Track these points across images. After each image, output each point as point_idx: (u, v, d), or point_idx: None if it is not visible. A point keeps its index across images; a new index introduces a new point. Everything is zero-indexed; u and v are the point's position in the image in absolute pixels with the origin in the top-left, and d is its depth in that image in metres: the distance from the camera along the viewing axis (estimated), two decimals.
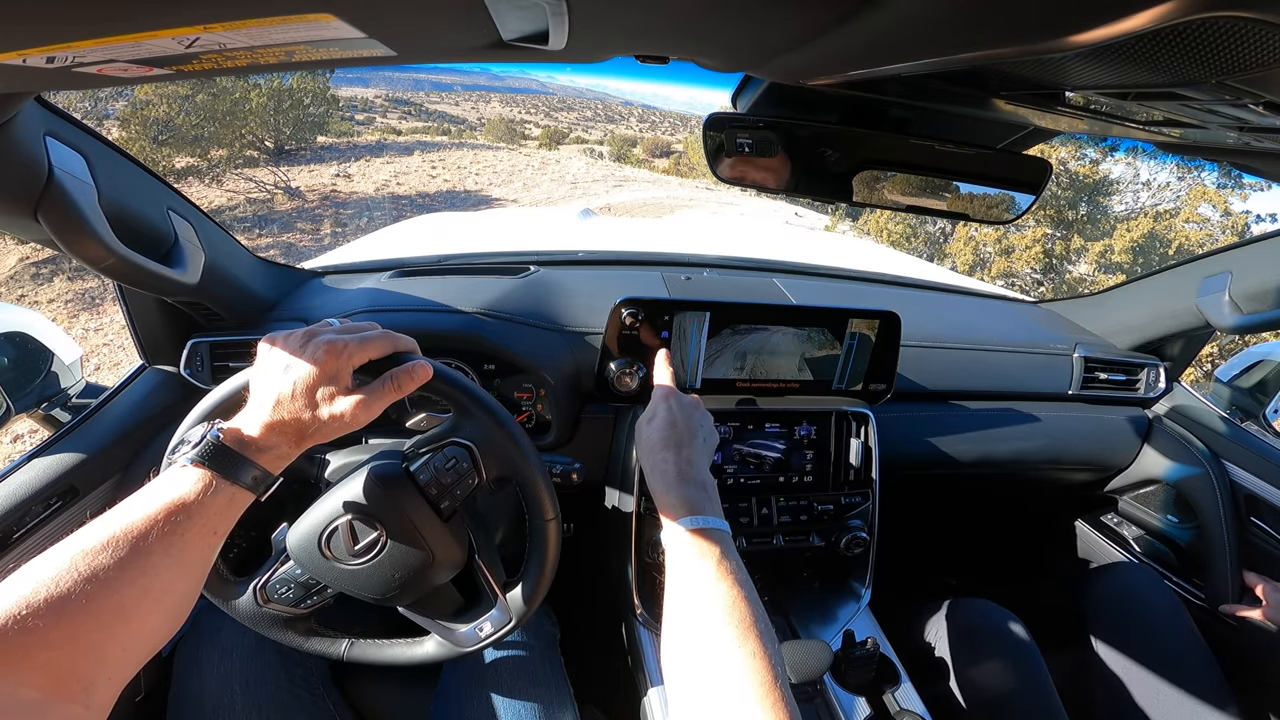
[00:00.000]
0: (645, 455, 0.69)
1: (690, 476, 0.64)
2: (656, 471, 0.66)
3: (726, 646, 0.49)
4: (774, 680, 0.46)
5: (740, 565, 0.57)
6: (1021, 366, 1.27)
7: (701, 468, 0.67)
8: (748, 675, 0.47)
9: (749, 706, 0.45)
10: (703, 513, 0.60)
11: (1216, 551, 1.17)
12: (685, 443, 0.68)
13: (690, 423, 0.70)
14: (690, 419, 0.71)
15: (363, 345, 0.55)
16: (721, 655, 0.49)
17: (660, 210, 11.99)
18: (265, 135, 10.58)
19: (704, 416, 0.73)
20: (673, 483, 0.63)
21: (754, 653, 0.48)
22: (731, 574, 0.55)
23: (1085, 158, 8.34)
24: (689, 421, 0.70)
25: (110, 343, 5.18)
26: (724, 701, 0.46)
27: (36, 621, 0.38)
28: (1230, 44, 0.28)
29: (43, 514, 0.78)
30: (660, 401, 0.73)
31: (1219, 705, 0.97)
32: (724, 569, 0.55)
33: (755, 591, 0.55)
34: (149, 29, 0.32)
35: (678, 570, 0.57)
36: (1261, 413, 1.37)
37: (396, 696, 0.88)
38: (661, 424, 0.69)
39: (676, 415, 0.70)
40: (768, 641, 0.50)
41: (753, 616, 0.51)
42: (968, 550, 1.67)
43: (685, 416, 0.71)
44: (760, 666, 0.47)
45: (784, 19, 0.38)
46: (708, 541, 0.57)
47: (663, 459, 0.66)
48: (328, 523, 0.61)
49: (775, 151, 0.70)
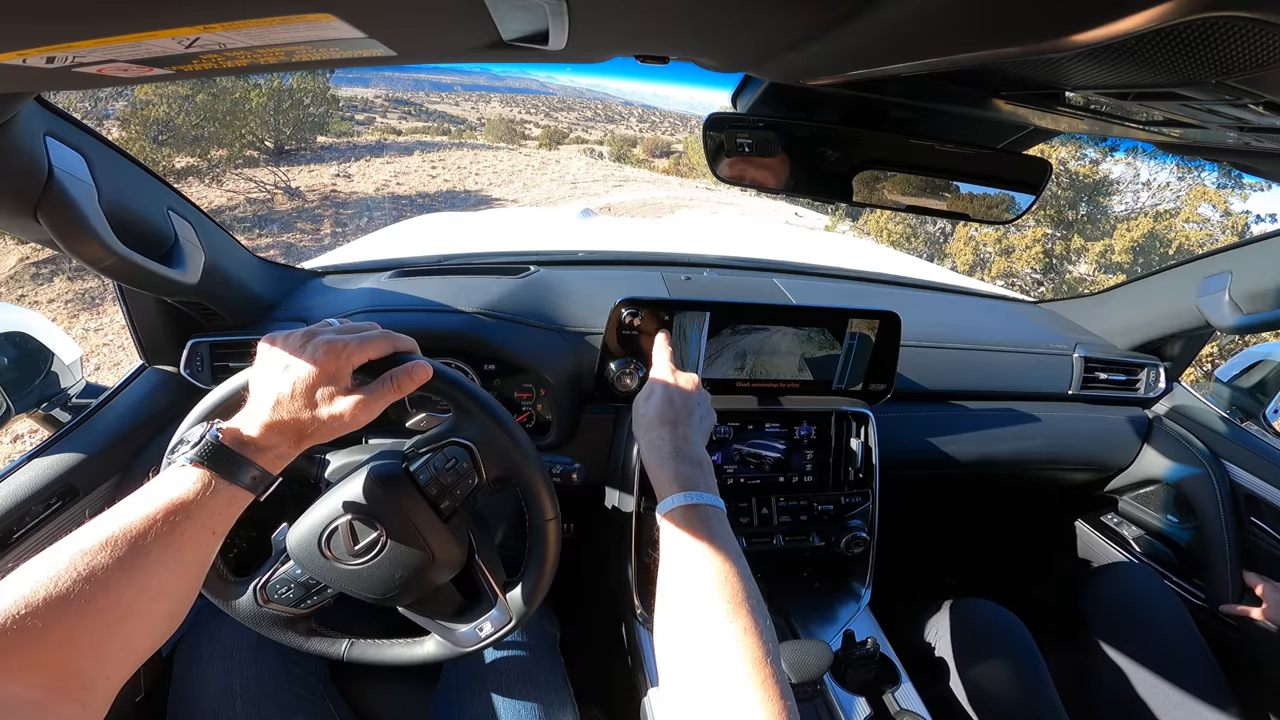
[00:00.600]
0: (641, 432, 0.69)
1: (685, 453, 0.64)
2: (652, 447, 0.65)
3: (717, 621, 0.49)
4: (765, 655, 0.46)
5: (733, 541, 0.56)
6: (1021, 366, 1.27)
7: (697, 445, 0.67)
8: (738, 650, 0.46)
9: (740, 681, 0.45)
10: (696, 488, 0.60)
11: (1216, 551, 1.17)
12: (681, 420, 0.67)
13: (688, 401, 0.70)
14: (688, 397, 0.71)
15: (362, 345, 0.55)
16: (712, 630, 0.48)
17: (660, 210, 11.99)
18: (265, 135, 10.58)
19: (701, 395, 0.73)
20: (667, 458, 0.63)
21: (745, 628, 0.48)
22: (723, 550, 0.54)
23: (1085, 158, 8.34)
24: (686, 399, 0.70)
25: (110, 343, 5.18)
26: (714, 676, 0.46)
27: (35, 621, 0.38)
28: (1230, 44, 0.28)
29: (42, 514, 0.78)
30: (658, 380, 0.73)
31: (1219, 705, 0.97)
32: (716, 544, 0.55)
33: (748, 568, 0.54)
34: (149, 29, 0.32)
35: (670, 545, 0.57)
36: (1261, 413, 1.37)
37: (396, 696, 0.88)
38: (658, 401, 0.69)
39: (674, 393, 0.70)
40: (759, 617, 0.49)
41: (745, 592, 0.51)
42: (968, 550, 1.67)
43: (683, 394, 0.71)
44: (751, 642, 0.47)
45: (784, 19, 0.38)
46: (701, 517, 0.57)
47: (658, 435, 0.66)
48: (328, 523, 0.61)
49: (775, 151, 0.70)
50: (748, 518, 1.01)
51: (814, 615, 1.02)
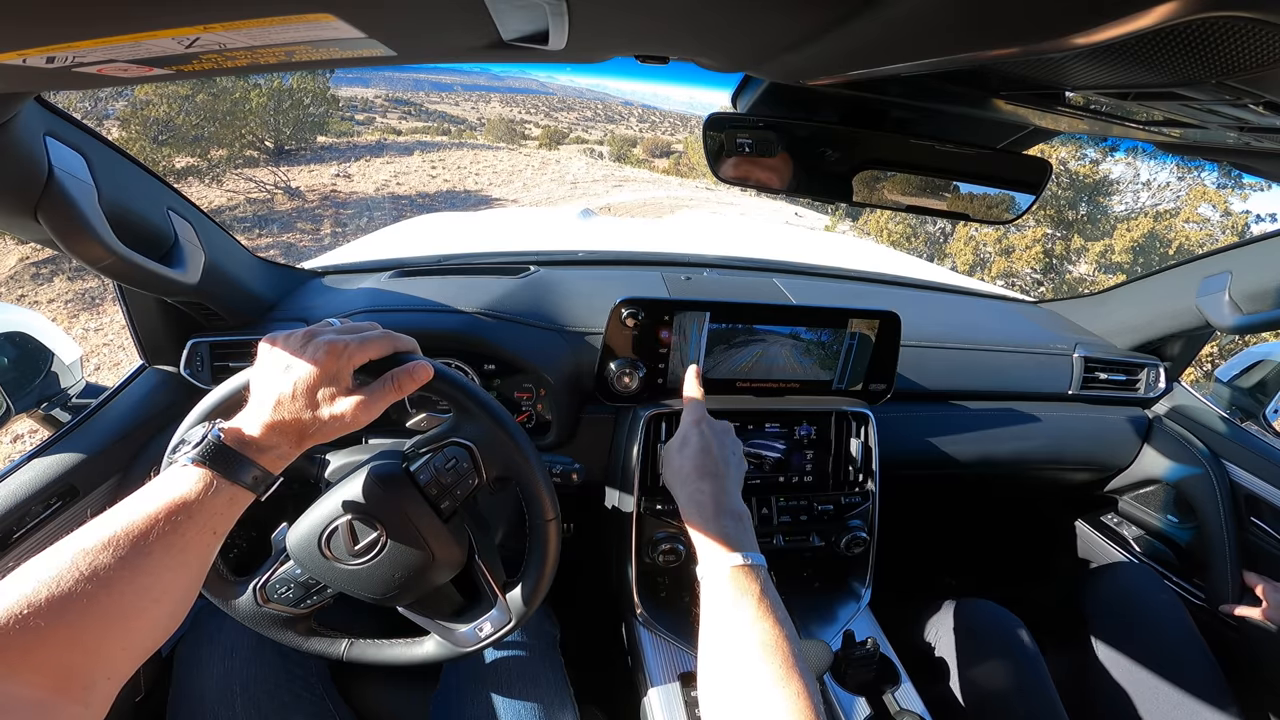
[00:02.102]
0: (679, 485, 0.67)
1: (728, 508, 0.63)
2: (693, 503, 0.64)
3: (770, 687, 0.49)
4: None
5: (779, 601, 0.56)
6: (1021, 366, 1.27)
7: (736, 497, 0.66)
8: (792, 716, 0.47)
9: None
10: (741, 548, 0.59)
11: (1216, 551, 1.17)
12: (721, 472, 0.67)
13: (724, 449, 0.69)
14: (724, 446, 0.70)
15: (363, 345, 0.55)
16: (766, 696, 0.48)
17: (660, 210, 11.99)
18: (265, 135, 10.57)
19: (736, 443, 0.72)
20: (710, 516, 0.62)
21: (798, 693, 0.48)
22: (772, 612, 0.54)
23: (1085, 158, 8.34)
24: (723, 448, 0.69)
25: (110, 343, 5.18)
26: None
27: (37, 621, 0.38)
28: (1230, 44, 0.28)
29: (43, 514, 0.78)
30: (692, 427, 0.71)
31: (1219, 705, 0.97)
32: (764, 607, 0.54)
33: (794, 628, 0.54)
34: (149, 29, 0.32)
35: (717, 607, 0.56)
36: (1261, 413, 1.37)
37: (396, 696, 0.88)
38: (695, 452, 0.68)
39: (710, 442, 0.69)
40: (809, 681, 0.50)
41: (794, 656, 0.51)
42: (968, 550, 1.67)
43: (719, 443, 0.69)
44: (804, 706, 0.47)
45: (784, 19, 0.38)
46: (748, 578, 0.57)
47: (698, 489, 0.65)
48: (328, 523, 0.61)
49: (775, 151, 0.70)
50: None
51: (814, 615, 1.02)
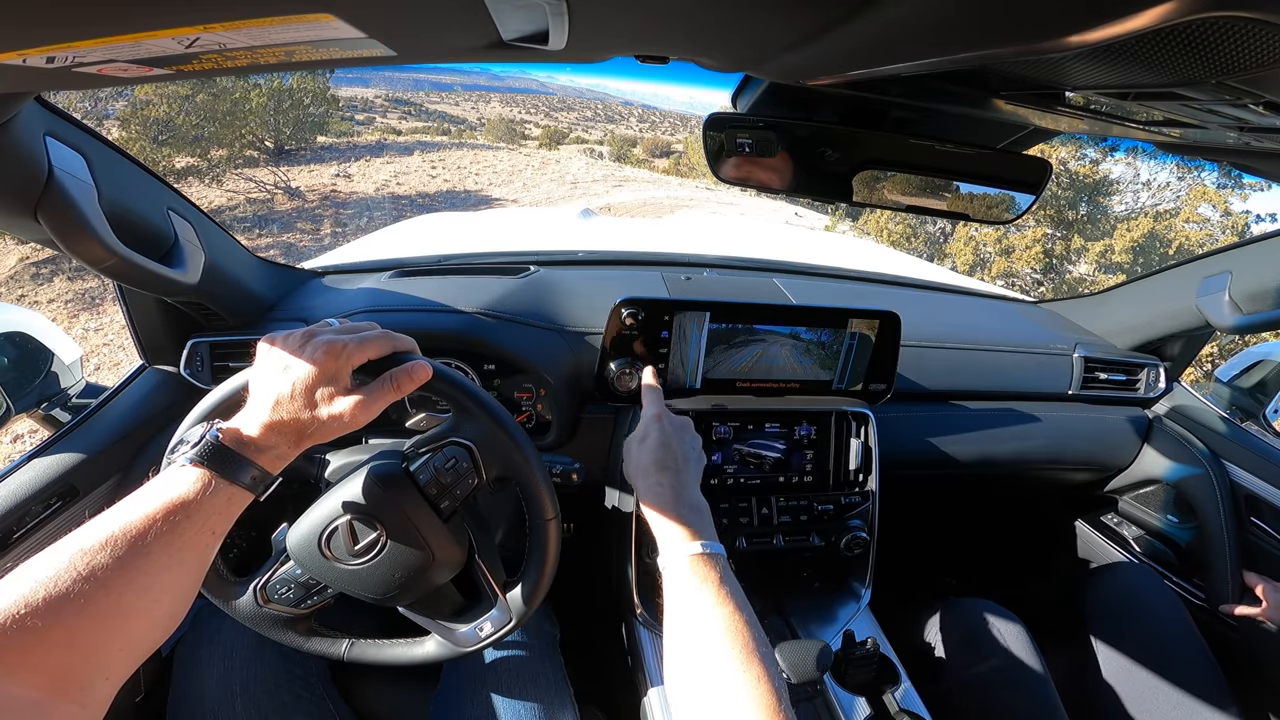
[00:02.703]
0: (639, 478, 0.70)
1: (687, 499, 0.66)
2: (651, 494, 0.66)
3: (731, 672, 0.50)
4: (778, 704, 0.48)
5: (738, 588, 0.58)
6: (1021, 366, 1.27)
7: (695, 490, 0.68)
8: (753, 700, 0.48)
9: None
10: (700, 537, 0.61)
11: (1216, 551, 1.17)
12: (680, 466, 0.69)
13: (684, 445, 0.72)
14: (684, 441, 0.72)
15: (362, 345, 0.55)
16: (727, 680, 0.50)
17: (660, 210, 11.99)
18: (265, 135, 10.57)
19: (695, 439, 0.75)
20: (669, 507, 0.64)
21: (758, 677, 0.49)
22: (731, 598, 0.56)
23: (1085, 158, 8.34)
24: (682, 443, 0.72)
25: (110, 343, 5.18)
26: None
27: (35, 621, 0.38)
28: (1230, 44, 0.28)
29: (43, 514, 0.78)
30: (652, 422, 0.74)
31: (1219, 705, 0.97)
32: (724, 593, 0.56)
33: (755, 615, 0.56)
34: (149, 29, 0.32)
35: (678, 594, 0.58)
36: (1261, 413, 1.37)
37: (396, 696, 0.88)
38: (654, 445, 0.70)
39: (670, 437, 0.71)
40: (770, 665, 0.51)
41: (754, 641, 0.52)
42: (968, 550, 1.67)
43: (679, 438, 0.72)
44: (765, 690, 0.48)
45: (784, 19, 0.38)
46: (707, 566, 0.59)
47: (657, 482, 0.67)
48: (328, 523, 0.61)
49: (775, 151, 0.70)
50: (748, 518, 1.01)
51: (814, 615, 1.02)
